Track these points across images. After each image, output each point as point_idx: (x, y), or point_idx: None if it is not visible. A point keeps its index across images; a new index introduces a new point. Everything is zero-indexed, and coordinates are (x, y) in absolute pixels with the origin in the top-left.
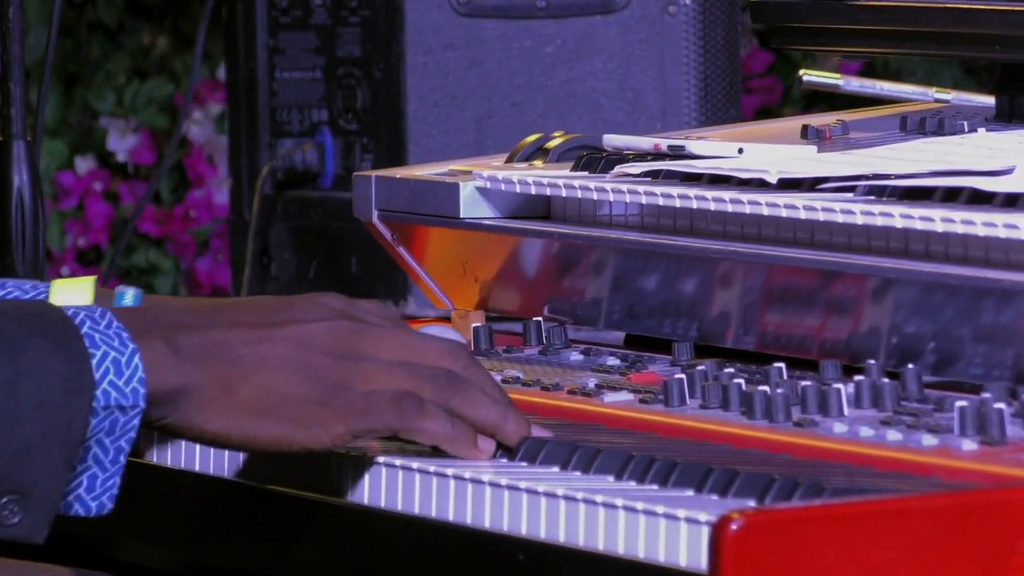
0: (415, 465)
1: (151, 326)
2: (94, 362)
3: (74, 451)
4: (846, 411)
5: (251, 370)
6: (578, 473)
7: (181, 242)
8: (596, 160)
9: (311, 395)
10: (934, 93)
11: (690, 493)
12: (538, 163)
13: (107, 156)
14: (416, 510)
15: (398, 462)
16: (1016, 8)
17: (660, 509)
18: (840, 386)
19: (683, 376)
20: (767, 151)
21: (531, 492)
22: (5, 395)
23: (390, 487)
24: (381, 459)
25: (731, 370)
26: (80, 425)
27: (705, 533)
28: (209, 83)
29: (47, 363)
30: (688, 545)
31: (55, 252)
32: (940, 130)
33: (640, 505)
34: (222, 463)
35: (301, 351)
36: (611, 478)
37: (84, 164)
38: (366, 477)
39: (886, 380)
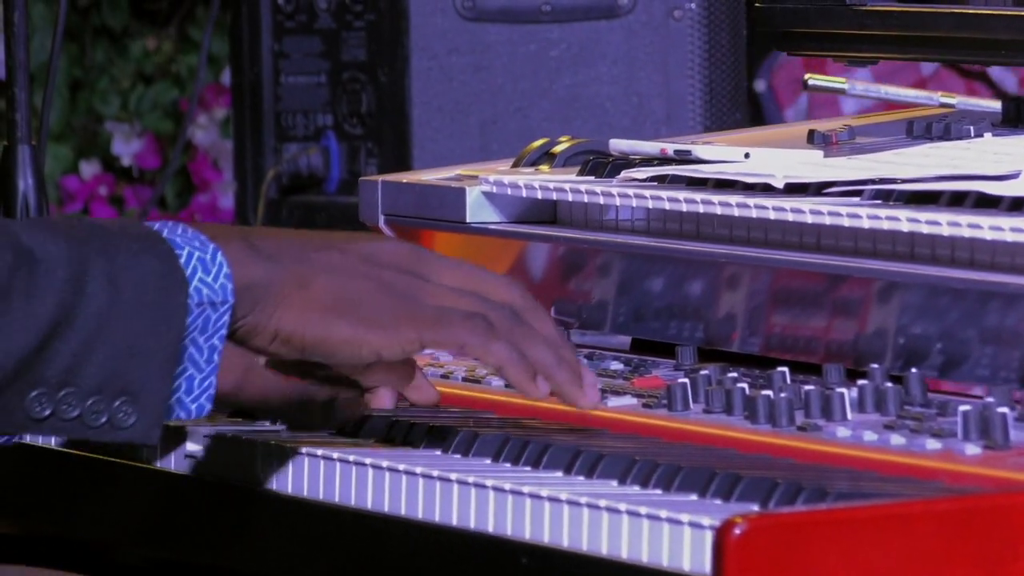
0: (418, 469)
1: (226, 232)
2: (181, 261)
3: (176, 347)
4: (850, 415)
5: (324, 270)
6: (581, 477)
7: None
8: (602, 165)
9: (383, 300)
10: (940, 98)
11: (693, 497)
12: (544, 168)
13: (112, 160)
14: (420, 514)
15: (401, 466)
16: (1023, 13)
17: (663, 513)
18: (843, 390)
19: (687, 380)
20: (773, 155)
21: (534, 496)
22: (108, 294)
23: (393, 491)
24: (384, 463)
25: (735, 374)
26: (179, 321)
27: (708, 537)
28: (214, 87)
29: (141, 262)
30: (691, 550)
31: None
32: (946, 135)
33: (643, 509)
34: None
35: (369, 265)
36: (614, 482)
37: (89, 168)
38: (369, 480)
39: (889, 384)
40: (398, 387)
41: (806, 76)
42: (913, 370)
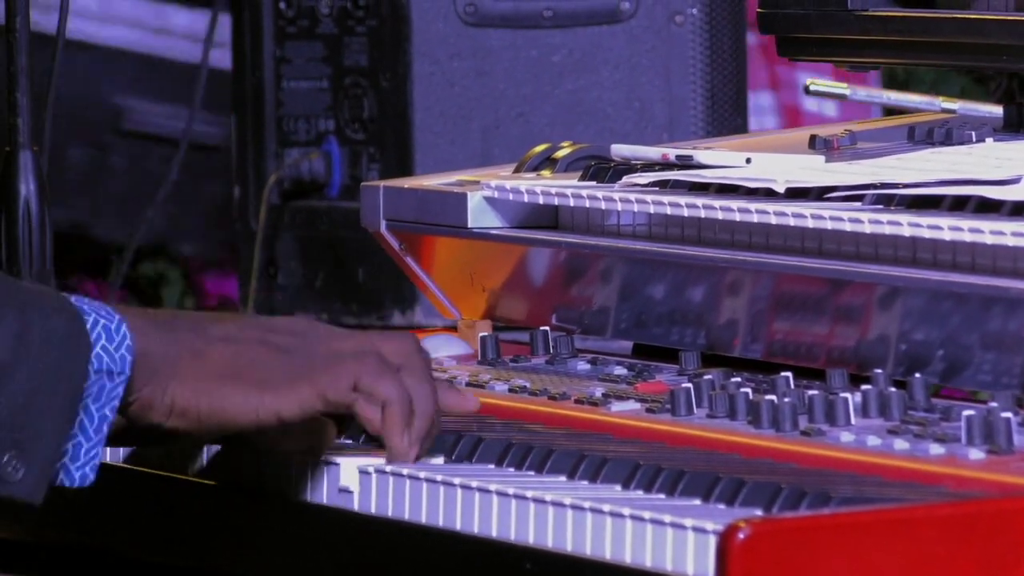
0: (423, 474)
1: (126, 308)
2: (88, 326)
3: (73, 408)
4: (853, 420)
5: (218, 340)
6: (585, 482)
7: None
8: (604, 170)
9: (275, 361)
10: (941, 103)
11: (697, 502)
12: (546, 173)
13: None
14: (424, 519)
15: (405, 471)
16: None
17: (667, 518)
18: (847, 395)
19: (690, 385)
20: (775, 161)
21: (538, 501)
22: (13, 346)
23: (397, 496)
24: (388, 468)
25: (738, 379)
26: (78, 382)
27: (712, 542)
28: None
29: (50, 320)
30: (695, 554)
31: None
32: (948, 140)
33: (647, 514)
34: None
35: (264, 331)
36: (618, 487)
37: None
38: (373, 486)
39: (893, 389)
40: (317, 447)
41: (807, 81)
42: (916, 375)
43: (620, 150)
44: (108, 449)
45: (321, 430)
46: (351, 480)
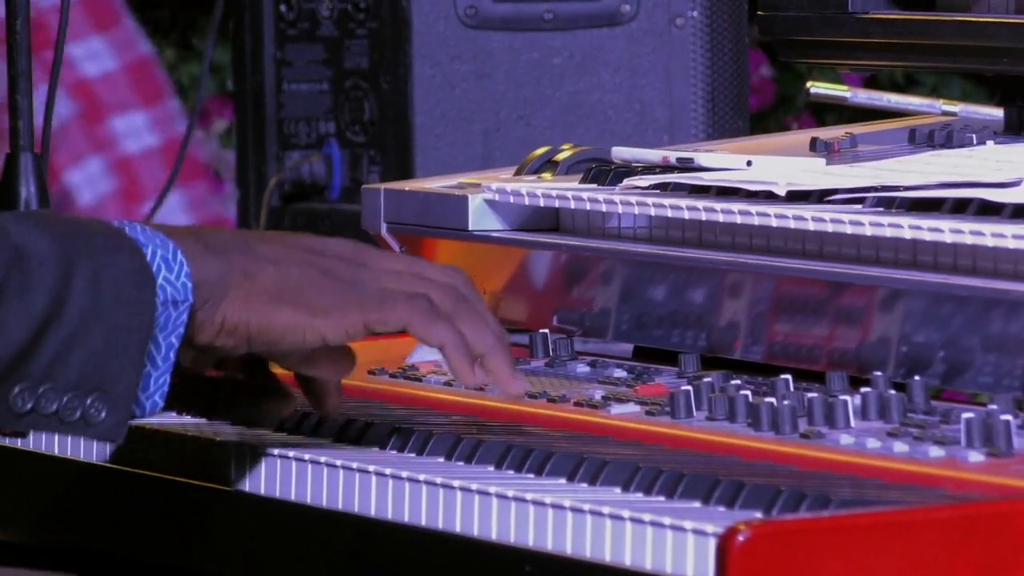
0: (422, 476)
1: (178, 230)
2: (147, 259)
3: (145, 345)
4: (853, 423)
5: (269, 261)
6: (585, 485)
7: None
8: (605, 172)
9: (326, 286)
10: (942, 105)
11: (697, 504)
12: (547, 175)
13: None
14: (423, 521)
15: (404, 473)
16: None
17: (667, 520)
18: (847, 398)
19: (690, 388)
20: (776, 163)
21: (538, 504)
22: (90, 291)
23: (397, 498)
24: (387, 470)
25: (738, 382)
26: (149, 317)
27: (712, 544)
28: (218, 100)
29: (117, 260)
30: (695, 556)
31: None
32: (948, 142)
33: (647, 516)
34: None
35: (313, 254)
36: (618, 490)
37: None
38: (372, 487)
39: (893, 392)
40: (339, 376)
41: (808, 84)
42: (916, 377)
43: (621, 152)
44: (95, 448)
45: (347, 359)
46: (349, 481)
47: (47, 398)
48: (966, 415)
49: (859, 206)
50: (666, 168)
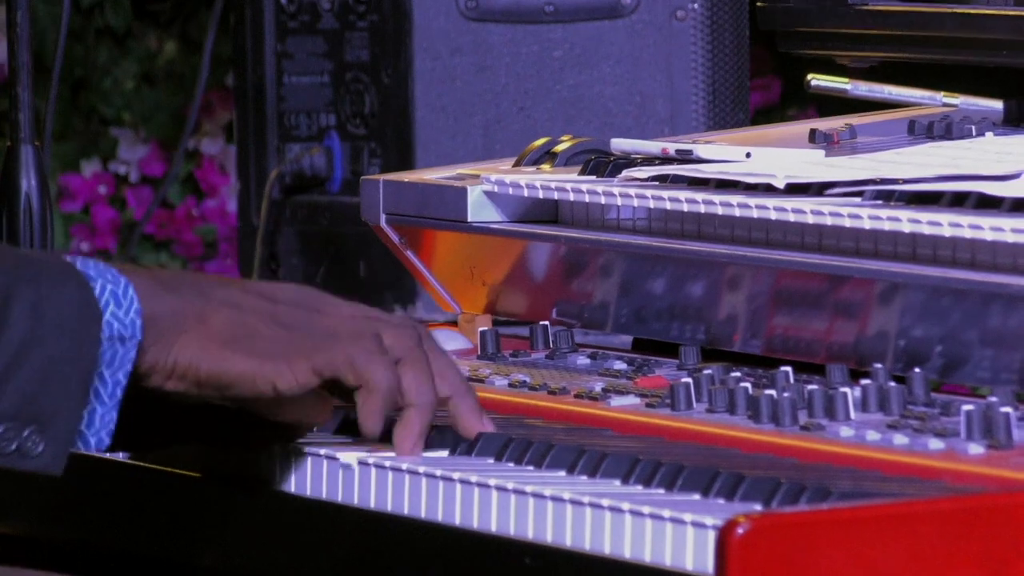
0: (422, 469)
1: (131, 268)
2: (96, 293)
3: (89, 377)
4: (852, 415)
5: (222, 305)
6: (584, 477)
7: (186, 242)
8: (604, 164)
9: (276, 334)
10: (942, 97)
11: (696, 497)
12: (546, 167)
13: (114, 161)
14: (423, 514)
15: (404, 466)
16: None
17: (666, 513)
18: (847, 390)
19: (690, 380)
20: (775, 155)
21: (537, 496)
22: (30, 319)
23: (396, 490)
24: (387, 463)
25: (738, 374)
26: (93, 351)
27: (711, 537)
28: (219, 93)
29: (62, 292)
30: (694, 549)
31: None
32: (948, 134)
33: (646, 509)
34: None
35: (266, 301)
36: (617, 482)
37: (90, 168)
38: (372, 480)
39: (893, 384)
40: (312, 420)
41: (809, 76)
42: (916, 370)
43: (620, 144)
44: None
45: (318, 404)
46: (350, 474)
47: None
48: (966, 407)
49: (858, 199)
50: (665, 160)
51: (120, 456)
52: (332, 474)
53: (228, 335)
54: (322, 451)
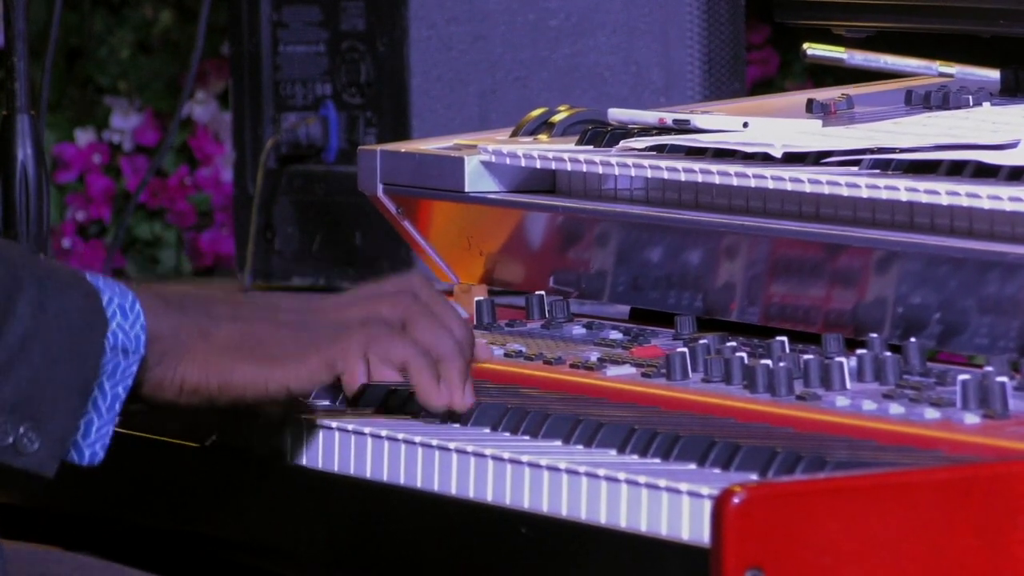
0: (417, 439)
1: (137, 284)
2: (103, 303)
3: (89, 383)
4: (849, 385)
5: (226, 319)
6: (580, 447)
7: (180, 211)
8: (601, 134)
9: (283, 336)
10: (939, 67)
11: (692, 467)
12: (543, 137)
13: (107, 130)
14: (419, 483)
15: (400, 435)
16: None
17: (662, 483)
18: (843, 360)
19: (685, 350)
20: (772, 125)
21: (533, 466)
22: (34, 319)
23: (392, 460)
24: (383, 432)
25: (734, 344)
26: (95, 358)
27: (707, 506)
28: (214, 62)
29: (68, 295)
30: (690, 518)
31: (53, 226)
32: (945, 104)
33: (642, 479)
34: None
35: (268, 309)
36: (613, 452)
37: (85, 137)
38: (368, 450)
39: (888, 354)
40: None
41: (804, 45)
42: (912, 339)
43: (617, 114)
44: None
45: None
46: (345, 444)
47: None
48: (962, 377)
49: (855, 168)
50: (662, 130)
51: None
52: (328, 444)
53: (233, 346)
54: (317, 420)
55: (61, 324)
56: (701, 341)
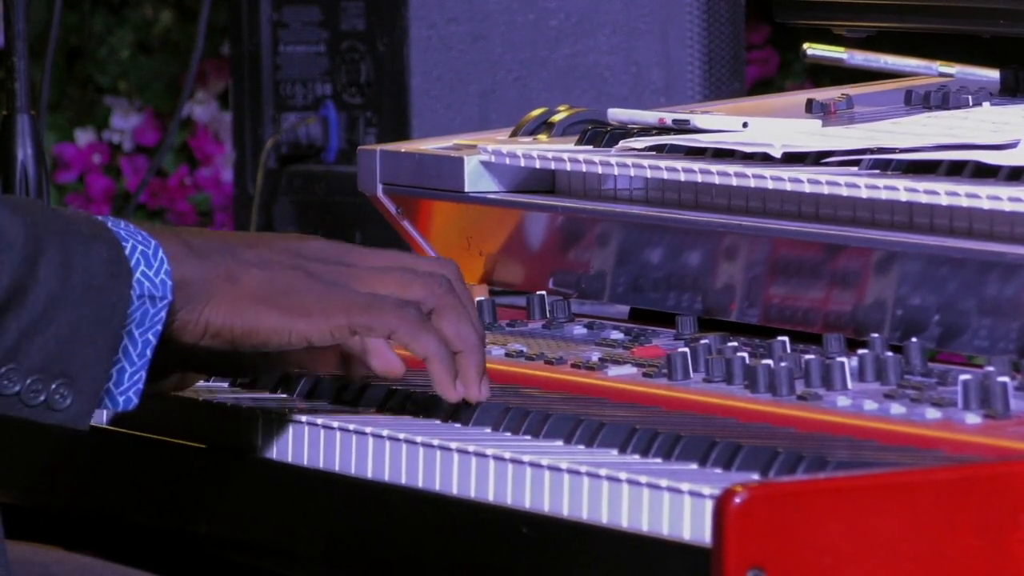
0: (418, 439)
1: (160, 230)
2: (126, 252)
3: (117, 335)
4: (850, 384)
5: (253, 264)
6: (582, 446)
7: (180, 211)
8: (600, 134)
9: (311, 288)
10: (939, 67)
11: (694, 466)
12: (542, 137)
13: (107, 130)
14: (420, 483)
15: (401, 435)
16: None
17: (664, 483)
18: (844, 359)
19: (687, 350)
20: (772, 125)
21: (535, 465)
22: (59, 277)
23: (393, 460)
24: (384, 432)
25: (735, 344)
26: (122, 309)
27: (709, 506)
28: (214, 62)
29: (92, 249)
30: (692, 518)
31: None
32: (945, 104)
33: (643, 479)
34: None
35: (298, 257)
36: (614, 451)
37: (84, 137)
38: (369, 449)
39: (890, 354)
40: (317, 369)
41: (804, 45)
42: (913, 339)
43: (617, 114)
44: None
45: (328, 353)
46: (346, 444)
47: (9, 379)
48: (963, 377)
49: (855, 168)
50: (662, 130)
51: (110, 424)
52: (329, 443)
53: (260, 292)
54: (319, 420)
55: (86, 281)
56: (702, 341)
